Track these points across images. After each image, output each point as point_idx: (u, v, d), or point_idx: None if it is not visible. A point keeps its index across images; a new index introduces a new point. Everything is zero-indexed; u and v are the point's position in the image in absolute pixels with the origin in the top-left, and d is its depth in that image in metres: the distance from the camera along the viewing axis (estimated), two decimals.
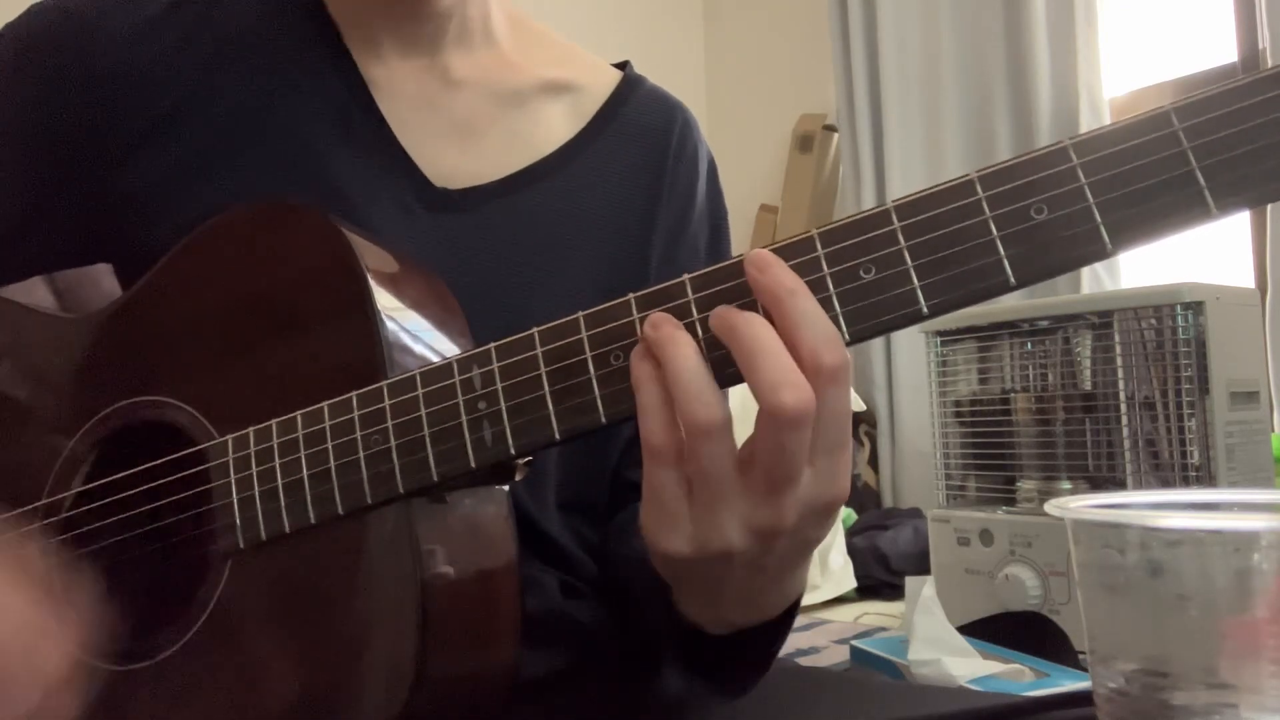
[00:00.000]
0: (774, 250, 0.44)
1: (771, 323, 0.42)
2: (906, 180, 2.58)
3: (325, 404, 0.50)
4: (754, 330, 0.41)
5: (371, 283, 0.51)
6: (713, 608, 0.51)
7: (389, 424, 0.48)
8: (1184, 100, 0.39)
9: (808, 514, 0.44)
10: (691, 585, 0.50)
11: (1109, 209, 0.40)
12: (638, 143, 0.72)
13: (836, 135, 2.94)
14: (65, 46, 0.64)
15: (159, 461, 0.55)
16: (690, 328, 0.43)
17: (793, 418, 0.41)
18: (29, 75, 0.64)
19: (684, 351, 0.42)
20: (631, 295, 0.45)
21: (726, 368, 0.43)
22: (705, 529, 0.43)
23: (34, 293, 0.83)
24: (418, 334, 0.53)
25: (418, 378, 0.48)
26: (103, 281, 0.75)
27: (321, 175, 0.63)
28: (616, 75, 0.75)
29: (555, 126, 0.71)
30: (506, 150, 0.68)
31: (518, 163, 0.68)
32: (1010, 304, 1.64)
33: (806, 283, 0.43)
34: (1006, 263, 0.41)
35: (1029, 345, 1.60)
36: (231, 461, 0.52)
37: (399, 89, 0.66)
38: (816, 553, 2.16)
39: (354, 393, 0.49)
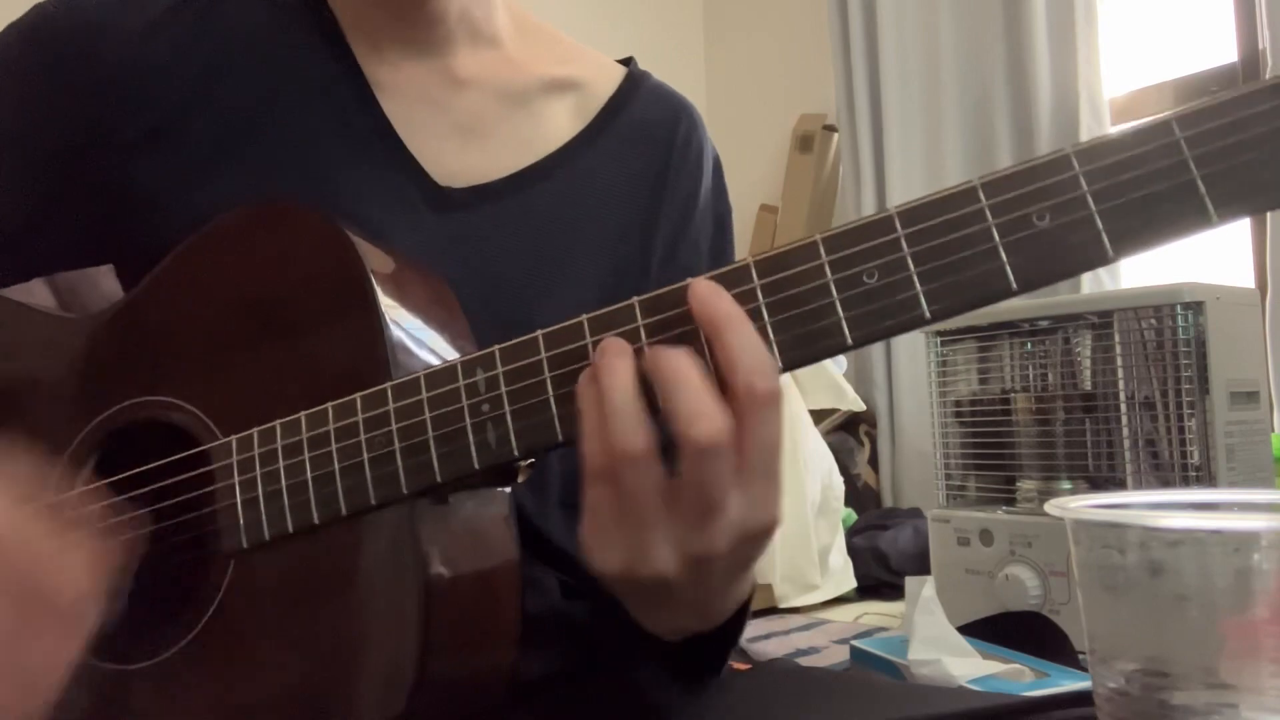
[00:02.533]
0: (777, 255, 0.44)
1: (712, 349, 0.43)
2: (906, 180, 2.58)
3: (330, 405, 0.50)
4: (674, 363, 0.42)
5: (375, 285, 0.51)
6: (661, 619, 0.52)
7: (393, 426, 0.48)
8: (1185, 109, 0.40)
9: (740, 540, 0.44)
10: (634, 600, 0.50)
11: (1111, 216, 0.40)
12: (642, 140, 0.72)
13: (836, 135, 2.93)
14: (69, 46, 0.64)
15: (162, 462, 0.56)
16: (639, 353, 0.44)
17: (707, 448, 0.41)
18: (32, 75, 0.64)
19: (618, 380, 0.43)
20: (635, 299, 0.45)
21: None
22: (636, 552, 0.44)
23: (34, 293, 0.84)
24: (421, 336, 0.53)
25: (422, 380, 0.48)
26: (103, 282, 0.75)
27: (326, 175, 0.63)
28: (621, 72, 0.75)
29: (560, 125, 0.71)
30: (511, 149, 0.69)
31: (522, 161, 0.68)
32: (1010, 304, 1.64)
33: (808, 288, 0.43)
34: (1009, 269, 0.41)
35: (1029, 345, 1.60)
36: (235, 463, 0.52)
37: (403, 89, 0.67)
38: (817, 552, 2.17)
39: (358, 394, 0.49)
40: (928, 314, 0.42)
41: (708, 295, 0.43)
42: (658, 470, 0.43)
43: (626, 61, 0.77)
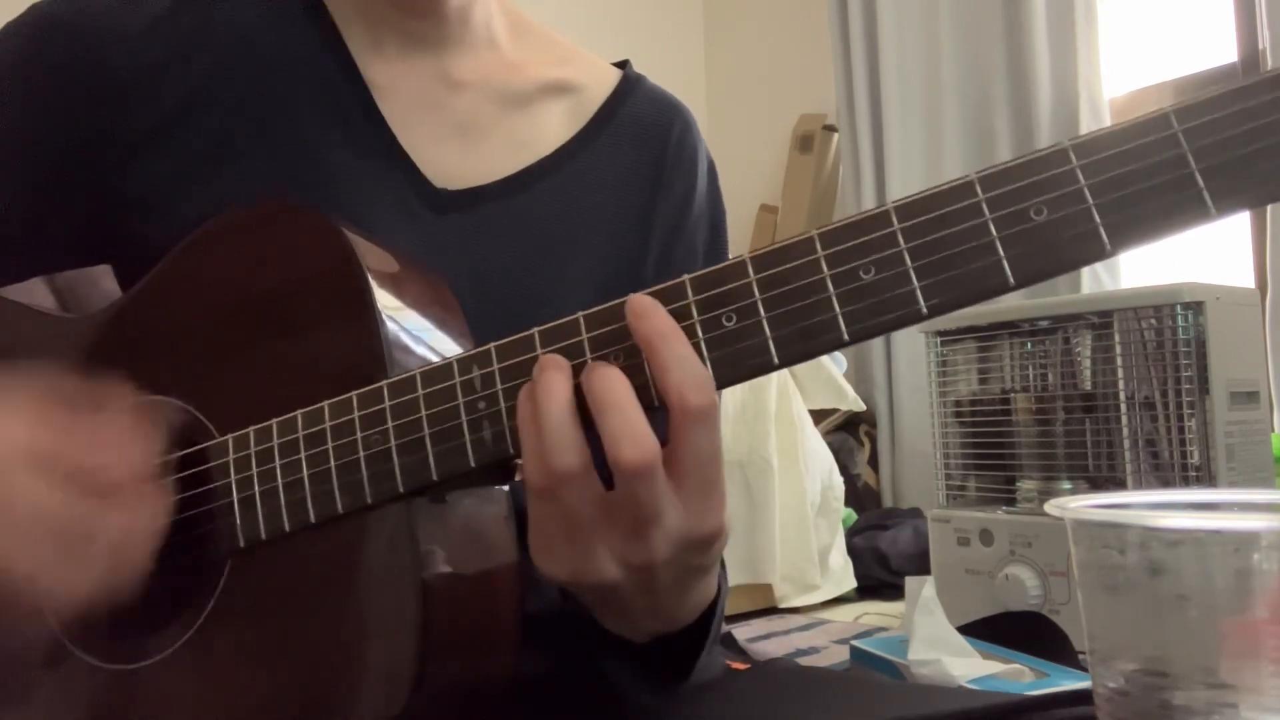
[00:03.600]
0: (774, 251, 0.44)
1: (649, 364, 0.43)
2: (906, 180, 2.58)
3: (326, 404, 0.50)
4: (605, 384, 0.43)
5: (372, 283, 0.51)
6: (623, 623, 0.52)
7: (389, 424, 0.48)
8: (1183, 103, 0.39)
9: (681, 548, 0.45)
10: (592, 605, 0.51)
11: (1109, 210, 0.40)
12: (637, 142, 0.72)
13: (836, 135, 2.94)
14: (68, 46, 0.64)
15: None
16: (579, 368, 0.44)
17: (635, 470, 0.42)
18: (31, 75, 0.64)
19: (554, 400, 0.43)
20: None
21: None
22: (580, 562, 0.45)
23: (34, 293, 0.83)
24: (418, 334, 0.53)
25: (418, 378, 0.48)
26: (102, 282, 0.75)
27: (323, 176, 0.63)
28: (616, 75, 0.75)
29: (555, 127, 0.71)
30: (507, 151, 0.69)
31: (518, 164, 0.68)
32: (1010, 304, 1.65)
33: (805, 284, 0.43)
34: (1006, 264, 0.41)
35: (1029, 345, 1.60)
36: (232, 461, 0.52)
37: (400, 90, 0.67)
38: (817, 552, 2.17)
39: (354, 392, 0.49)
40: (925, 309, 0.42)
41: (643, 311, 0.44)
42: (595, 486, 0.44)
43: (622, 64, 0.77)
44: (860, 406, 2.52)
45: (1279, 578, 0.34)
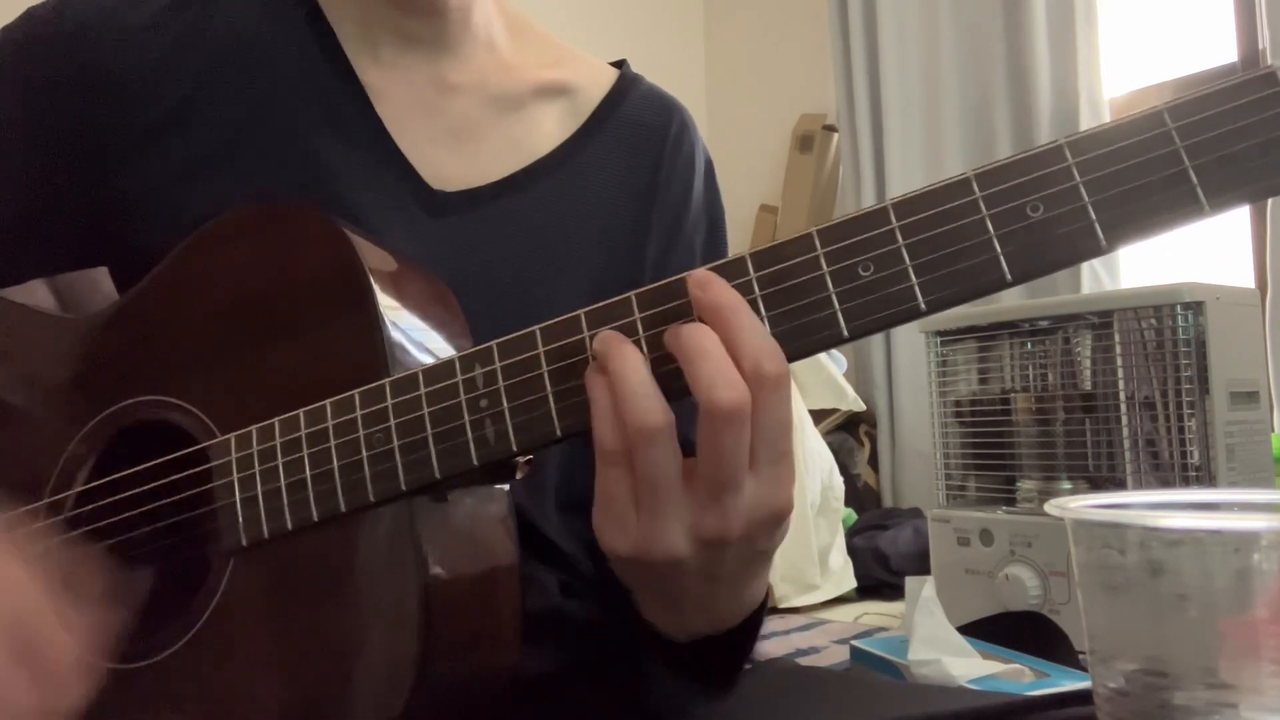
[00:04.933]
0: (774, 248, 0.44)
1: (722, 334, 0.43)
2: (906, 180, 2.58)
3: (328, 402, 0.50)
4: (696, 337, 0.43)
5: (373, 282, 0.51)
6: (671, 614, 0.51)
7: (391, 422, 0.48)
8: (1176, 100, 0.40)
9: (754, 523, 0.44)
10: (646, 590, 0.50)
11: (1104, 207, 0.40)
12: (633, 142, 0.72)
13: (836, 135, 2.94)
14: (64, 49, 0.64)
15: (161, 460, 0.55)
16: (637, 344, 0.44)
17: (728, 414, 0.42)
18: (29, 78, 0.64)
19: (630, 361, 0.43)
20: (632, 293, 0.46)
21: (672, 381, 0.44)
22: (650, 534, 0.44)
23: (34, 294, 0.83)
24: (419, 333, 0.53)
25: (420, 376, 0.48)
26: (102, 283, 0.75)
27: (320, 178, 0.63)
28: (613, 75, 0.75)
29: (552, 128, 0.71)
30: (503, 153, 0.68)
31: (514, 165, 0.68)
32: (1010, 304, 1.65)
33: (804, 281, 0.43)
34: (1003, 260, 0.41)
35: (1029, 345, 1.60)
36: (234, 460, 0.52)
37: (396, 93, 0.66)
38: (817, 552, 2.17)
39: (356, 391, 0.49)
40: (923, 305, 0.42)
41: (709, 283, 0.44)
42: (675, 447, 0.43)
43: (619, 64, 0.77)
44: (860, 406, 2.52)
45: (1279, 578, 0.34)
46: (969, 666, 1.16)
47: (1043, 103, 2.36)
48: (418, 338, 0.52)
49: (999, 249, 0.41)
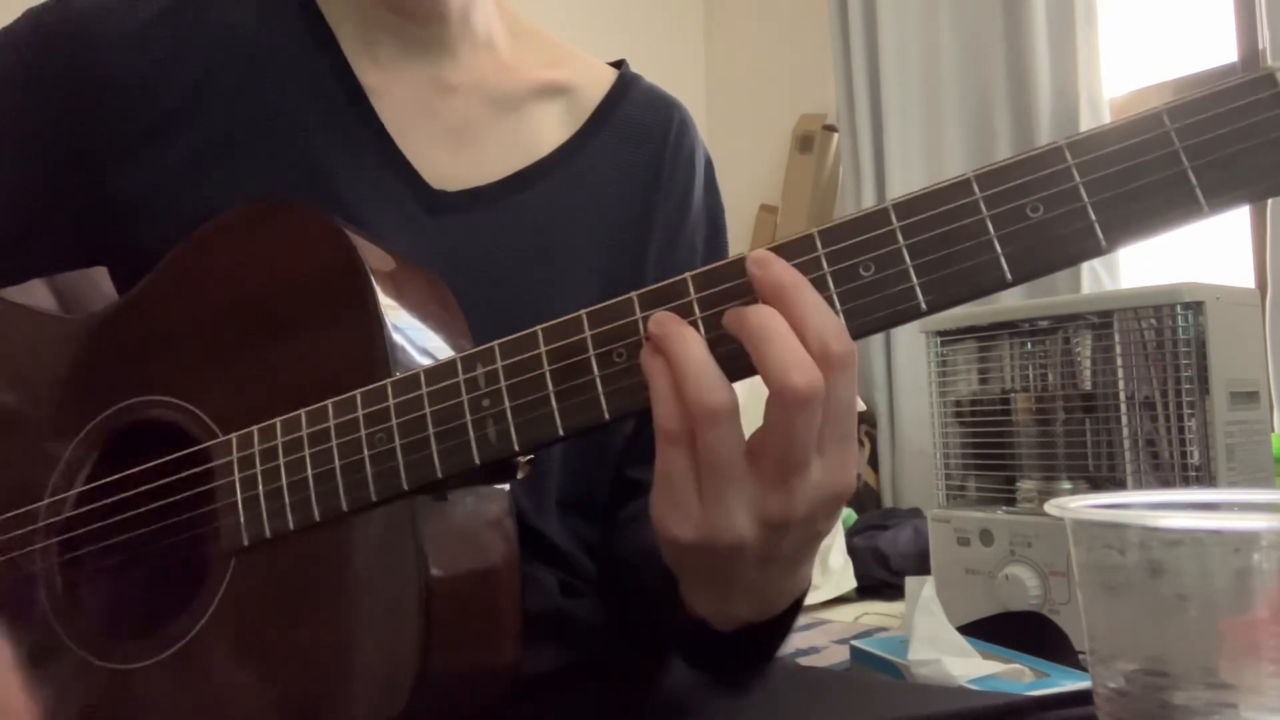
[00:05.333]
0: (774, 249, 0.44)
1: (783, 315, 0.42)
2: (906, 180, 2.58)
3: (329, 402, 0.50)
4: (763, 318, 0.42)
5: (374, 282, 0.51)
6: (720, 601, 0.51)
7: (393, 422, 0.48)
8: (1176, 101, 0.40)
9: (817, 504, 0.44)
10: (700, 576, 0.50)
11: (1103, 208, 0.41)
12: (633, 142, 0.72)
13: (836, 135, 2.94)
14: (63, 50, 0.64)
15: (162, 460, 0.56)
16: (693, 325, 0.44)
17: (802, 398, 0.41)
18: (27, 79, 0.64)
19: (690, 343, 0.43)
20: (634, 293, 0.45)
21: (731, 362, 0.43)
22: (714, 518, 0.44)
23: (34, 293, 0.83)
24: (420, 333, 0.53)
25: (422, 376, 0.48)
26: (102, 283, 0.75)
27: (319, 179, 0.63)
28: (612, 75, 0.75)
29: (551, 128, 0.71)
30: (503, 153, 0.69)
31: (514, 165, 0.68)
32: (1010, 304, 1.65)
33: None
34: (1003, 260, 0.42)
35: (1029, 345, 1.60)
36: (235, 460, 0.52)
37: (395, 94, 0.67)
38: (817, 552, 2.17)
39: (358, 391, 0.49)
40: (923, 305, 0.42)
41: (770, 262, 0.43)
42: (740, 428, 0.43)
43: (618, 64, 0.77)
44: (860, 406, 2.52)
45: (1279, 578, 0.34)
46: (969, 666, 1.16)
47: (1043, 103, 2.36)
48: (418, 338, 0.53)
49: (999, 249, 0.41)
